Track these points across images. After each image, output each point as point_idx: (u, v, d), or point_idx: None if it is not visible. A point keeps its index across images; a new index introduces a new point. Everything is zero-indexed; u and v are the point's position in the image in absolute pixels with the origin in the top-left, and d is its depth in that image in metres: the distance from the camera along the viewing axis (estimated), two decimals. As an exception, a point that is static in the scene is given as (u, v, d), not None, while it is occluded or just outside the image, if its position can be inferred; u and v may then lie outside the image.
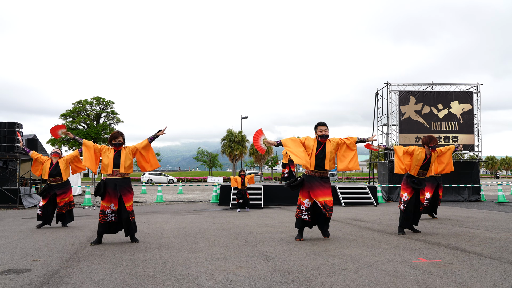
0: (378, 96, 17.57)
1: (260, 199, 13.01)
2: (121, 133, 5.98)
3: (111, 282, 3.69)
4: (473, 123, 16.49)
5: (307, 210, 5.92)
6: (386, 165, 16.33)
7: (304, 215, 5.91)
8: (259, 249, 5.24)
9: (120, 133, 5.96)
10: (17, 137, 8.64)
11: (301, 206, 5.96)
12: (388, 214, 10.11)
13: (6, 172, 13.98)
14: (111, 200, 5.80)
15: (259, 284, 3.57)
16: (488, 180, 59.40)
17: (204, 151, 69.42)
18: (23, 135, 14.04)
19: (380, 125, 17.34)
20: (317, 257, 4.70)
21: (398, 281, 3.64)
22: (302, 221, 5.96)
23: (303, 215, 5.92)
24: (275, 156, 68.21)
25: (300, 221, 5.98)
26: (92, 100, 55.21)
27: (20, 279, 3.81)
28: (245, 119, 41.23)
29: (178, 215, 10.17)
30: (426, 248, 5.19)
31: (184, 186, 32.18)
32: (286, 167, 15.01)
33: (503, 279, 3.71)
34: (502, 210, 11.32)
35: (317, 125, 6.04)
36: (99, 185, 5.81)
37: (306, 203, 5.92)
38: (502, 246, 5.35)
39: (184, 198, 18.27)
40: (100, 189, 5.78)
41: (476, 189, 15.96)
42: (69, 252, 5.09)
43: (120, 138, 5.93)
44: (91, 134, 52.65)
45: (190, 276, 3.88)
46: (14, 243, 5.81)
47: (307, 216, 5.91)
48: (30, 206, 13.04)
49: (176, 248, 5.31)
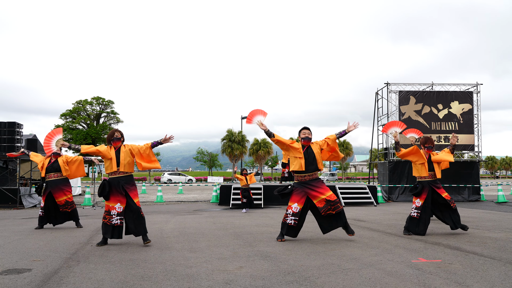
0: (378, 96, 17.57)
1: (260, 199, 13.01)
2: (117, 129, 5.89)
3: (111, 282, 3.69)
4: (473, 123, 16.49)
5: (294, 215, 5.81)
6: (386, 165, 16.32)
7: (290, 220, 5.82)
8: (259, 249, 5.24)
9: (116, 129, 5.87)
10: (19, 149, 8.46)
11: (288, 211, 5.87)
12: (388, 214, 10.11)
13: (6, 172, 13.97)
14: (117, 199, 5.64)
15: (259, 284, 3.57)
16: (488, 180, 59.40)
17: (204, 151, 69.41)
18: (23, 135, 14.03)
19: (380, 125, 17.34)
20: (317, 257, 4.70)
21: (398, 281, 3.64)
22: (287, 226, 5.85)
23: (289, 219, 5.83)
24: (275, 156, 68.20)
25: (284, 225, 5.89)
26: (92, 100, 55.23)
27: (20, 279, 3.81)
28: (245, 119, 41.26)
29: (178, 215, 10.16)
30: (426, 248, 5.19)
31: (184, 186, 32.18)
32: (286, 166, 14.95)
33: (503, 279, 3.71)
34: (502, 210, 11.32)
35: (301, 130, 6.12)
36: (103, 185, 5.63)
37: (294, 208, 5.82)
38: (502, 246, 5.35)
39: (184, 198, 18.27)
40: (105, 189, 5.60)
41: (476, 189, 15.97)
42: (69, 252, 5.09)
43: (117, 133, 5.83)
44: (91, 134, 52.65)
45: (190, 276, 3.88)
46: (14, 243, 5.81)
47: (293, 221, 5.81)
48: (30, 206, 13.03)
49: (176, 248, 5.31)
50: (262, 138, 50.53)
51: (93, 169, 19.63)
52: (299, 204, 5.82)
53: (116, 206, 5.64)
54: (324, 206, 5.75)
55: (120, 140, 5.86)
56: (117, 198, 5.65)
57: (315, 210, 5.98)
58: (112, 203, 5.65)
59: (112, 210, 5.64)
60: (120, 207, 5.66)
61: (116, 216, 5.63)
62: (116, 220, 5.63)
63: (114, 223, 5.61)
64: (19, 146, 13.30)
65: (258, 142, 50.21)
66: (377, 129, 17.60)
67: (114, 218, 5.62)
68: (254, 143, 50.34)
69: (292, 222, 5.82)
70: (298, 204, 5.82)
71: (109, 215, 5.62)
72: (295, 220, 5.81)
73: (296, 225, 5.84)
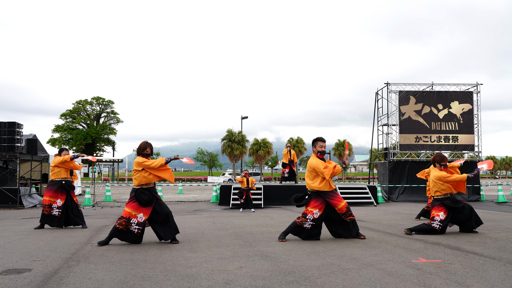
0: (378, 96, 17.58)
1: (260, 199, 13.00)
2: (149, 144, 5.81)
3: (111, 282, 3.69)
4: (473, 123, 16.50)
5: (314, 220, 5.82)
6: (386, 165, 16.32)
7: (308, 224, 5.82)
8: (259, 249, 5.24)
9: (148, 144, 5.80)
10: None
11: (307, 215, 5.84)
12: (388, 214, 10.11)
13: (6, 172, 13.97)
14: (144, 209, 5.61)
15: (259, 284, 3.57)
16: (489, 180, 59.39)
17: (204, 151, 69.43)
18: (23, 135, 14.03)
19: (380, 125, 17.35)
20: (317, 257, 4.70)
21: (398, 281, 3.64)
22: (303, 229, 5.85)
23: (307, 224, 5.83)
24: (275, 156, 68.20)
25: (299, 228, 5.86)
26: (92, 100, 55.25)
27: (20, 279, 3.81)
28: (245, 119, 41.24)
29: (178, 215, 10.16)
30: (426, 248, 5.19)
31: (184, 186, 32.18)
32: (287, 167, 15.02)
33: (503, 279, 3.71)
34: (502, 210, 11.33)
35: (316, 140, 6.06)
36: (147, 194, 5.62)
37: (315, 213, 5.82)
38: (502, 246, 5.35)
39: (184, 198, 18.27)
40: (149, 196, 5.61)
41: (476, 189, 15.97)
42: (69, 252, 5.09)
43: (148, 149, 5.77)
44: (91, 134, 52.67)
45: (190, 276, 3.88)
46: (14, 243, 5.81)
47: (310, 225, 5.83)
48: (30, 206, 13.03)
49: (176, 248, 5.31)
50: (262, 138, 50.58)
51: (93, 169, 19.64)
52: (320, 210, 5.85)
53: (139, 215, 5.62)
54: (345, 212, 5.87)
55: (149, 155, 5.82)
56: (145, 208, 5.65)
57: (330, 220, 6.04)
58: (136, 211, 5.60)
59: (132, 218, 5.58)
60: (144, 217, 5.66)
61: (136, 225, 5.64)
62: (135, 228, 5.63)
63: (132, 229, 5.60)
64: (19, 146, 13.30)
65: (258, 142, 50.24)
66: (377, 129, 17.61)
67: (133, 226, 5.61)
68: (254, 143, 50.37)
69: (310, 226, 5.86)
70: (319, 210, 5.85)
71: (128, 222, 5.59)
72: (312, 225, 5.85)
73: (310, 229, 5.88)
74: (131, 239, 5.63)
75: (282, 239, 5.90)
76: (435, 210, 6.48)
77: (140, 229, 5.62)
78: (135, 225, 5.57)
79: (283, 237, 5.93)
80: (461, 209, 6.45)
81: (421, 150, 16.35)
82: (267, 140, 50.49)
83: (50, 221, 7.37)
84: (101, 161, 39.22)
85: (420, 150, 16.34)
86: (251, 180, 11.80)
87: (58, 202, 7.37)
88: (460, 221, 6.54)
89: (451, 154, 16.72)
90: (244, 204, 11.60)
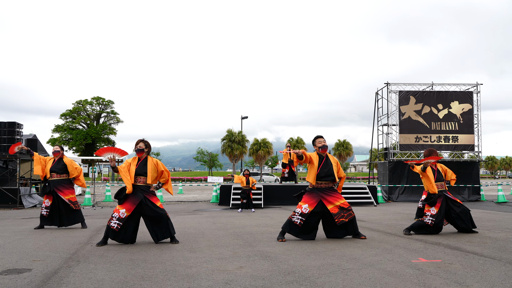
0: (378, 96, 17.58)
1: (260, 199, 13.01)
2: (142, 139, 5.80)
3: (111, 282, 3.69)
4: (473, 123, 16.50)
5: (302, 215, 5.80)
6: (386, 165, 16.32)
7: (296, 218, 5.80)
8: (259, 249, 5.24)
9: (141, 140, 5.80)
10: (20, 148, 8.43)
11: (297, 209, 5.87)
12: (388, 214, 10.11)
13: (6, 172, 13.97)
14: (126, 205, 5.58)
15: (259, 284, 3.57)
16: (488, 180, 59.39)
17: (204, 151, 69.41)
18: (23, 135, 14.03)
19: (380, 125, 17.35)
20: (317, 257, 4.70)
21: (398, 281, 3.65)
22: (292, 224, 5.83)
23: (295, 217, 5.82)
24: (275, 156, 68.17)
25: (289, 223, 5.86)
26: (92, 100, 55.25)
27: (20, 279, 3.81)
28: (245, 119, 41.23)
29: (178, 215, 10.16)
30: (426, 248, 5.19)
31: (184, 186, 32.18)
32: (287, 167, 15.02)
33: (503, 279, 3.71)
34: (502, 210, 11.33)
35: (315, 138, 6.14)
36: (123, 191, 5.63)
37: (304, 208, 5.81)
38: (502, 246, 5.35)
39: (184, 198, 18.27)
40: (122, 193, 5.60)
41: (476, 189, 15.97)
42: (69, 252, 5.09)
43: (141, 143, 5.77)
44: (91, 134, 52.66)
45: (190, 276, 3.88)
46: (14, 243, 5.81)
47: (299, 220, 5.79)
48: (30, 206, 13.04)
49: (176, 248, 5.31)
50: (262, 138, 50.55)
51: (93, 169, 19.63)
52: (310, 206, 5.81)
53: (121, 211, 5.61)
54: (337, 213, 5.78)
55: (144, 151, 5.79)
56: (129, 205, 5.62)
57: (325, 220, 6.01)
58: (122, 207, 5.64)
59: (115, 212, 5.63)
60: (126, 213, 5.62)
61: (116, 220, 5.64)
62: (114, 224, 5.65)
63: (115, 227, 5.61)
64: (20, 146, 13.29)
65: (258, 142, 50.22)
66: (377, 129, 17.61)
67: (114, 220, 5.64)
68: (254, 143, 50.35)
69: (298, 221, 5.81)
70: (309, 206, 5.81)
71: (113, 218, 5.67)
72: (301, 220, 5.80)
73: (301, 226, 5.83)
74: (114, 235, 5.55)
75: (281, 239, 5.89)
76: (427, 206, 6.61)
77: (119, 225, 5.51)
78: (115, 219, 5.53)
79: (281, 236, 5.93)
80: (451, 206, 6.48)
81: (421, 150, 16.34)
82: (267, 140, 50.46)
83: (42, 220, 7.45)
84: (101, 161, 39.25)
85: (420, 150, 16.33)
86: (251, 179, 11.81)
87: (47, 202, 7.44)
88: (453, 220, 6.54)
89: (451, 154, 16.73)
90: (244, 204, 11.59)
